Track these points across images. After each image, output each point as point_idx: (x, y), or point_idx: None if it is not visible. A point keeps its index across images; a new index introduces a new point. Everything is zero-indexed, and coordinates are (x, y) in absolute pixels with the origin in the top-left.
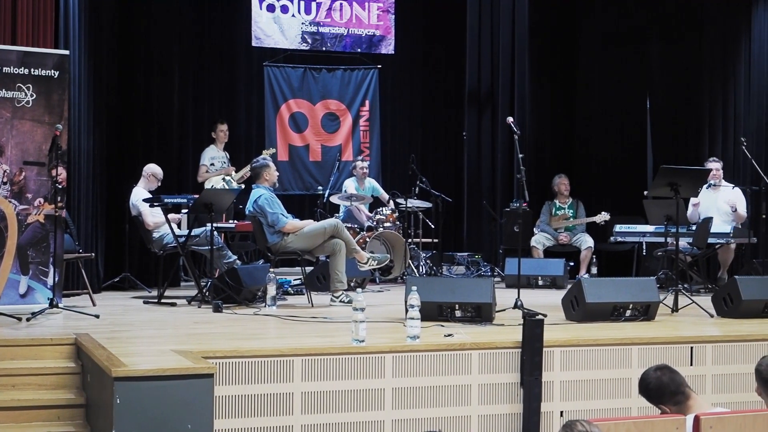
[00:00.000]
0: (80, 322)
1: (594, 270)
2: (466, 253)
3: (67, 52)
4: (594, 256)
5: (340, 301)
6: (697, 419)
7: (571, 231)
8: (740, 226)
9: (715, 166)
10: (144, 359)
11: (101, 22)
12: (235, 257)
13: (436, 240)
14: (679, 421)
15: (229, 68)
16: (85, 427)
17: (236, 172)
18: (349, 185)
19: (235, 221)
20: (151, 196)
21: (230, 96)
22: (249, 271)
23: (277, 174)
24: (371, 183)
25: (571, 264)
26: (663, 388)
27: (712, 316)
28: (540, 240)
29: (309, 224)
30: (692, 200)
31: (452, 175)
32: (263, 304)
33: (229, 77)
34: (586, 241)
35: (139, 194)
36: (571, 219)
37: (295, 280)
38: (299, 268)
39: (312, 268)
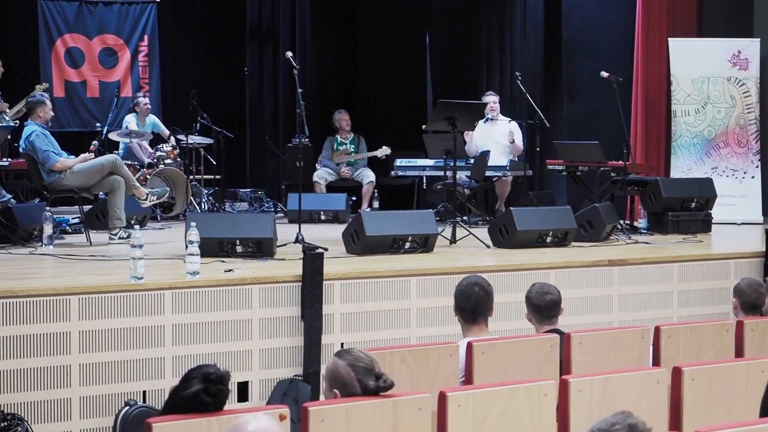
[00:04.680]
0: None
1: (376, 204)
2: (249, 189)
3: None
4: (376, 191)
5: (119, 239)
6: (469, 345)
7: (353, 166)
8: (517, 159)
9: (491, 99)
10: None
11: None
12: (10, 196)
13: (218, 176)
14: (452, 348)
15: (0, 2)
16: None
17: (10, 108)
18: (129, 122)
19: (9, 159)
20: None
21: (2, 31)
22: (24, 210)
23: (52, 113)
24: (152, 119)
25: (354, 199)
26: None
27: (488, 246)
28: (322, 175)
29: (82, 160)
30: (469, 133)
31: (234, 111)
32: (39, 244)
33: (1, 12)
34: (368, 176)
35: None
36: (353, 154)
37: (73, 218)
38: (77, 207)
39: (91, 206)
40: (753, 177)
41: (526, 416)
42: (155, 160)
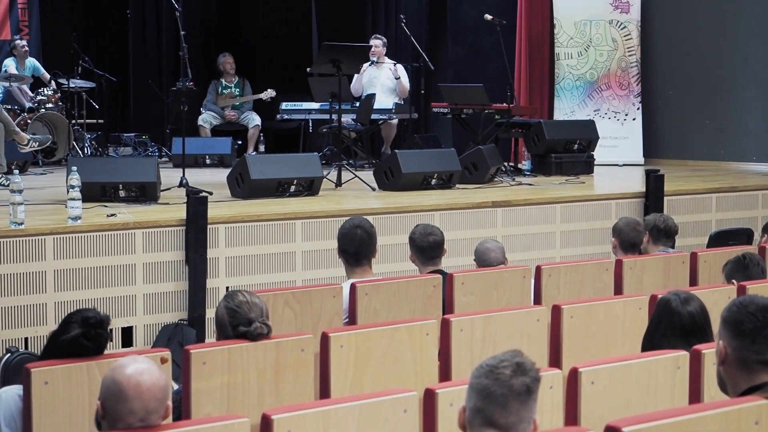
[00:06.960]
0: None
1: (262, 148)
2: (133, 134)
3: None
4: (261, 134)
5: (0, 185)
6: (353, 287)
7: (238, 109)
8: (402, 102)
9: (376, 42)
10: None
11: None
12: None
13: (101, 121)
14: (335, 290)
15: None
16: None
17: None
18: (9, 65)
19: None
20: None
21: None
22: None
23: None
24: (32, 62)
25: (239, 142)
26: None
27: (373, 189)
28: (207, 119)
29: None
30: (356, 77)
31: (117, 54)
32: None
33: None
34: (254, 120)
35: None
36: (238, 97)
37: None
38: None
39: None
40: (634, 119)
41: (408, 355)
42: (36, 105)
